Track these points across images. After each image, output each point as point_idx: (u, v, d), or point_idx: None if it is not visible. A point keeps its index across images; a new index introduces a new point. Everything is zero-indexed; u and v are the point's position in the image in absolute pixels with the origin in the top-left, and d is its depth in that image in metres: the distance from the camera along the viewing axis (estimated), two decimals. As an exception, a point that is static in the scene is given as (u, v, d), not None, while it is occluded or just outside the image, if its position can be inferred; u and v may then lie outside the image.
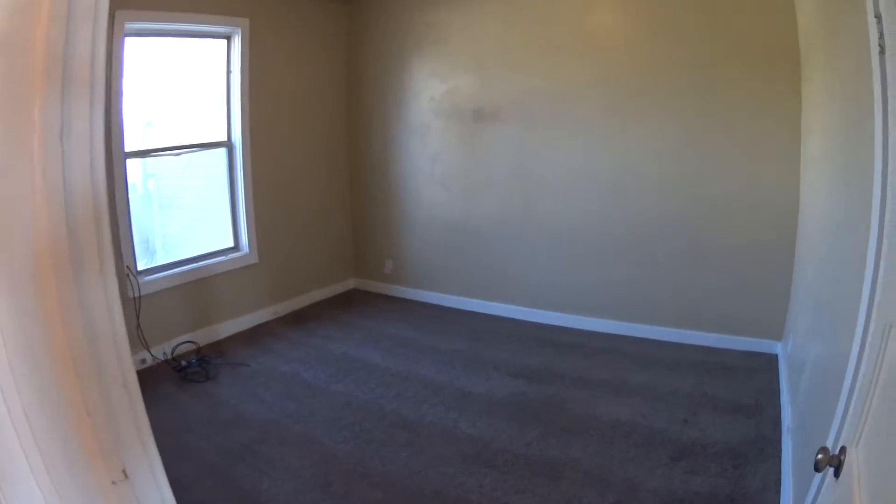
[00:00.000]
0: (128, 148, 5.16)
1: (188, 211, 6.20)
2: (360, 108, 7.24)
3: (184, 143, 5.83)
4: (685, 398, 4.47)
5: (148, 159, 5.68)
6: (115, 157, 4.95)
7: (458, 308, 6.69)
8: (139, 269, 5.33)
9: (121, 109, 4.99)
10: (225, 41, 5.96)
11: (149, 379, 4.96)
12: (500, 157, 6.24)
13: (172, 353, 5.37)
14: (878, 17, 1.91)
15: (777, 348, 5.16)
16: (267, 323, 6.33)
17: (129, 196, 5.20)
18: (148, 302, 5.21)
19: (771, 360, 5.06)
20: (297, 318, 6.49)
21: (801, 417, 3.32)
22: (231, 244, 6.20)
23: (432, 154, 6.71)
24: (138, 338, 5.11)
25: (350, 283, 7.61)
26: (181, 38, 5.68)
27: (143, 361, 5.21)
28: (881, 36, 1.91)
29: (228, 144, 6.08)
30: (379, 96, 7.02)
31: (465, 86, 6.35)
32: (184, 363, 5.18)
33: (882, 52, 1.91)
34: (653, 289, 5.64)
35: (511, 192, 6.22)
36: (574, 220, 5.89)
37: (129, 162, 5.25)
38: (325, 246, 7.21)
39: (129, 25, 4.99)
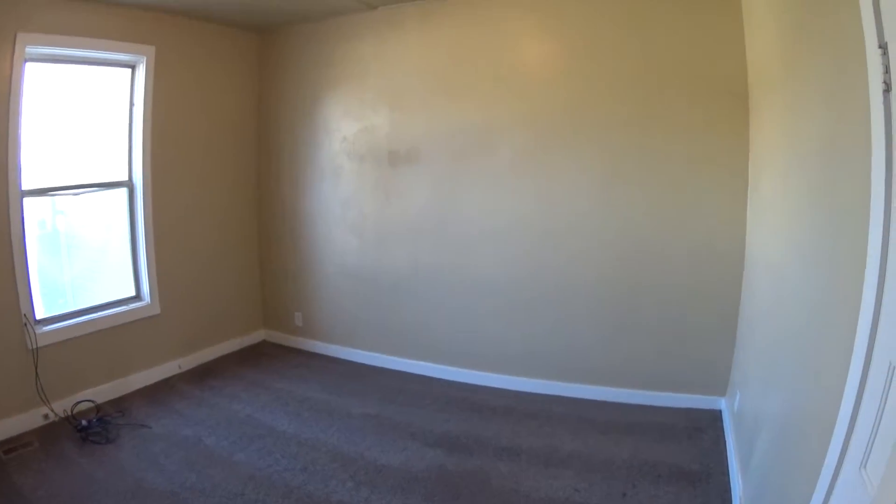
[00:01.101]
0: (26, 185, 4.85)
1: (95, 254, 5.85)
2: (270, 147, 7.00)
3: (83, 182, 5.49)
4: (623, 467, 4.28)
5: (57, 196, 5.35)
6: (10, 196, 4.65)
7: (372, 365, 6.42)
8: (39, 317, 5.00)
9: (18, 142, 4.69)
10: (129, 71, 5.68)
11: (50, 437, 4.76)
12: (417, 203, 6.05)
13: (73, 411, 5.01)
14: (882, 47, 1.77)
15: (721, 404, 5.09)
16: (171, 378, 5.98)
17: (28, 237, 4.89)
18: (49, 353, 4.95)
19: (714, 417, 4.97)
20: (203, 374, 6.14)
21: (758, 488, 3.14)
22: (132, 293, 5.86)
23: (344, 198, 6.49)
24: (38, 392, 4.82)
25: (260, 335, 7.29)
26: (85, 65, 5.37)
27: (46, 417, 4.93)
28: (886, 71, 1.76)
29: (129, 185, 5.77)
30: (290, 134, 6.80)
31: (380, 125, 6.17)
32: (84, 422, 4.83)
33: (888, 89, 1.76)
34: (584, 344, 5.46)
35: (428, 240, 6.02)
36: (498, 270, 5.71)
37: (31, 200, 4.96)
38: (233, 296, 6.90)
39: (31, 50, 4.73)
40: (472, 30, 5.64)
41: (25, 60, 4.72)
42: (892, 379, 1.60)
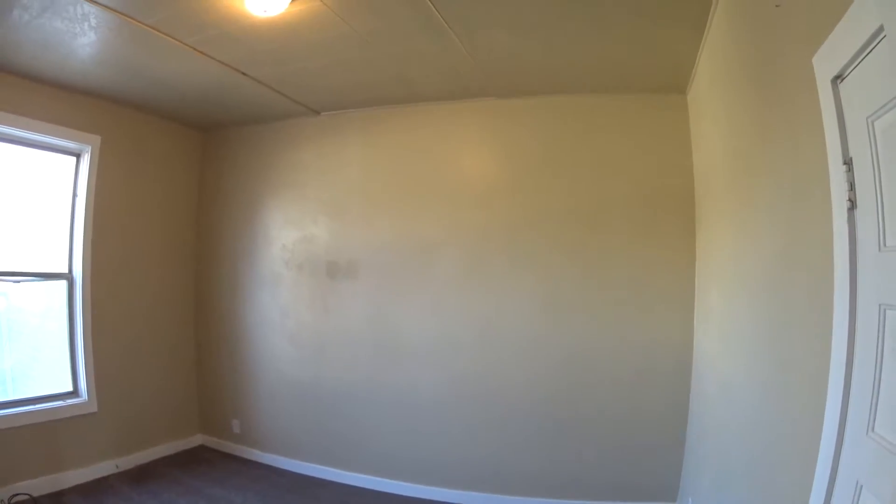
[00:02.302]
0: None
1: (35, 342, 5.70)
2: (210, 247, 7.03)
3: (21, 270, 5.43)
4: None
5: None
6: None
7: (314, 476, 6.19)
8: None
9: None
10: (74, 159, 5.71)
11: None
12: (356, 315, 6.07)
13: (10, 502, 4.82)
14: (847, 163, 1.76)
15: (658, 511, 5.01)
16: (109, 477, 5.74)
17: None
18: None
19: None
20: (141, 475, 5.90)
21: None
22: (70, 388, 5.70)
23: (282, 307, 6.48)
24: None
25: (197, 440, 7.05)
26: (29, 148, 5.38)
27: None
28: (851, 188, 1.74)
29: (69, 277, 5.71)
30: (230, 236, 6.86)
31: (320, 235, 6.27)
32: (21, 515, 4.63)
33: (853, 207, 1.74)
34: (529, 456, 5.41)
35: (368, 352, 6.00)
36: (440, 385, 5.69)
37: None
38: (170, 398, 6.74)
39: None
40: (414, 141, 5.88)
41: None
42: (860, 496, 1.64)
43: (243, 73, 5.06)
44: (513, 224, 5.47)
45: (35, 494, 5.07)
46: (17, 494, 4.94)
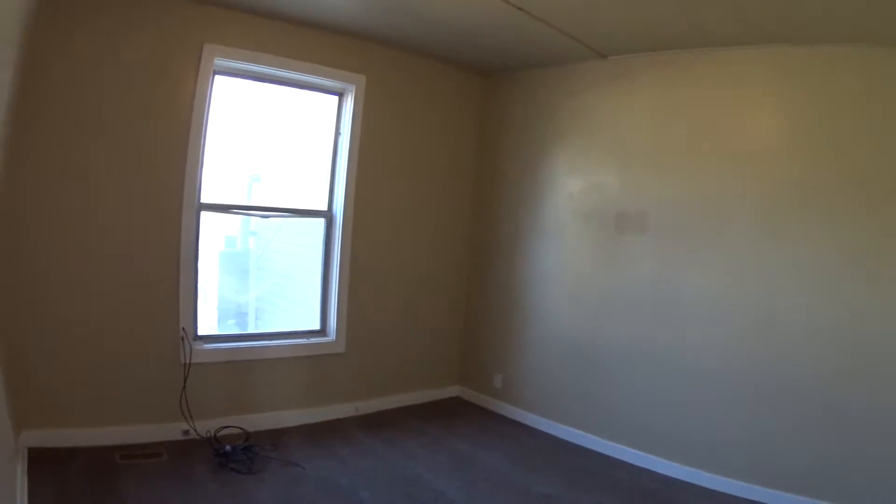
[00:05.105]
0: (206, 199, 4.76)
1: (282, 280, 5.65)
2: (487, 196, 6.63)
3: (275, 206, 5.40)
4: None
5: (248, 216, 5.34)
6: (185, 208, 4.55)
7: (568, 441, 5.63)
8: (200, 333, 4.89)
9: (200, 155, 4.61)
10: (336, 98, 5.55)
11: (183, 453, 4.52)
12: (640, 272, 5.37)
13: (216, 434, 4.72)
14: None
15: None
16: (342, 420, 5.58)
17: (204, 252, 4.84)
18: (205, 371, 4.84)
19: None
20: (380, 422, 5.67)
21: None
22: (317, 327, 5.60)
23: (563, 260, 5.91)
24: (181, 406, 4.67)
25: (453, 391, 6.75)
26: (284, 86, 5.30)
27: (186, 433, 4.73)
28: None
29: (328, 215, 5.57)
30: (512, 186, 6.37)
31: (609, 184, 5.61)
32: (227, 448, 4.51)
33: None
34: (804, 449, 4.51)
35: (647, 316, 5.29)
36: (723, 356, 4.88)
37: (210, 215, 4.92)
38: (428, 346, 6.45)
39: (220, 62, 4.67)
40: (705, 90, 5.16)
41: (214, 73, 4.71)
42: None
43: (519, 9, 4.46)
44: (808, 186, 4.63)
45: (251, 430, 4.92)
46: (227, 427, 4.83)
